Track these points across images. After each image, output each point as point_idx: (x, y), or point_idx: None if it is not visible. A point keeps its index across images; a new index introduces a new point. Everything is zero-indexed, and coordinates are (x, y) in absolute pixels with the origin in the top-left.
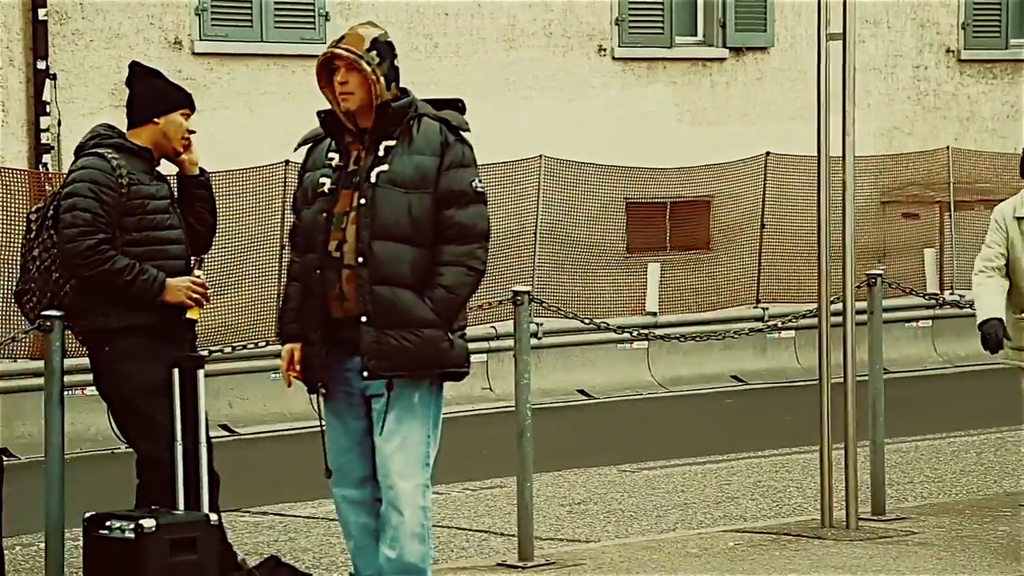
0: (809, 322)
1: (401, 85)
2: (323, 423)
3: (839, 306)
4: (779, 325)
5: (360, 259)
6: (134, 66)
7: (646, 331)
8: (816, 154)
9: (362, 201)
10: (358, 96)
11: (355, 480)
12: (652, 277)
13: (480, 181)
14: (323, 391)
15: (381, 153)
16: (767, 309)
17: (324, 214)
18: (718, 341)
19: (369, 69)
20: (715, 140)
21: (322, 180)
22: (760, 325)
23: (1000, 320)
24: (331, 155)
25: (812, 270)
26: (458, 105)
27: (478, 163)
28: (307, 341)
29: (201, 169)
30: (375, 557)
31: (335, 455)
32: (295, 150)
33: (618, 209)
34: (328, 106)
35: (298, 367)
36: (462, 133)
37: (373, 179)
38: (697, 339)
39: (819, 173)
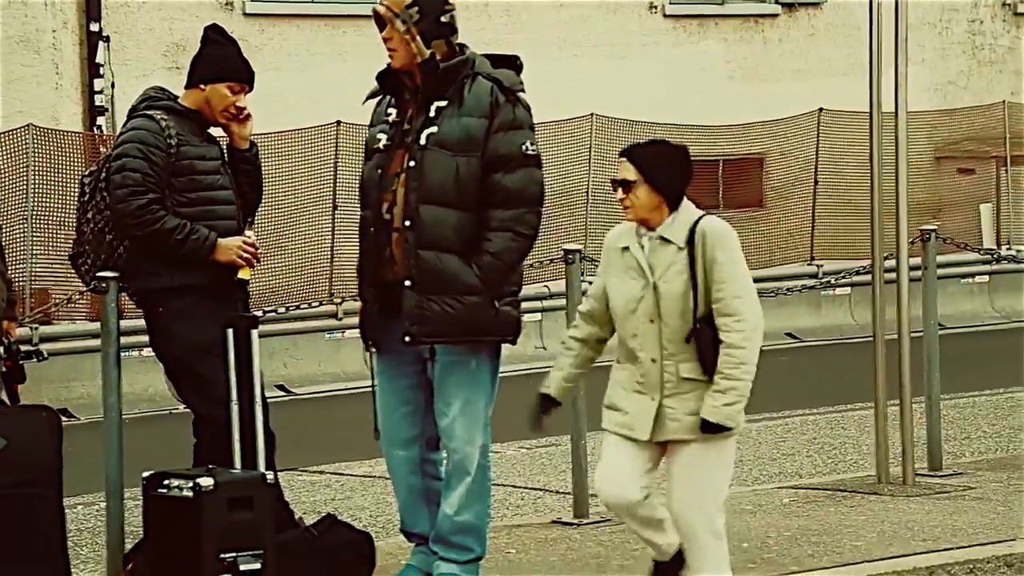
0: (864, 279)
1: (458, 42)
2: (375, 383)
3: (894, 262)
4: (833, 282)
5: (407, 222)
6: (207, 30)
7: None
8: (869, 110)
9: (411, 163)
10: (402, 53)
11: (404, 440)
12: None
13: (533, 144)
14: (373, 350)
15: (432, 114)
16: (821, 266)
17: (379, 171)
18: (772, 298)
19: (404, 28)
20: (767, 97)
21: (379, 136)
22: (814, 282)
23: (546, 397)
24: (390, 110)
25: (866, 226)
26: (515, 63)
27: (533, 124)
28: (364, 298)
29: (252, 143)
30: (423, 516)
31: (385, 414)
32: (363, 103)
33: None
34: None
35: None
36: (517, 93)
37: (423, 141)
38: None
39: (871, 129)
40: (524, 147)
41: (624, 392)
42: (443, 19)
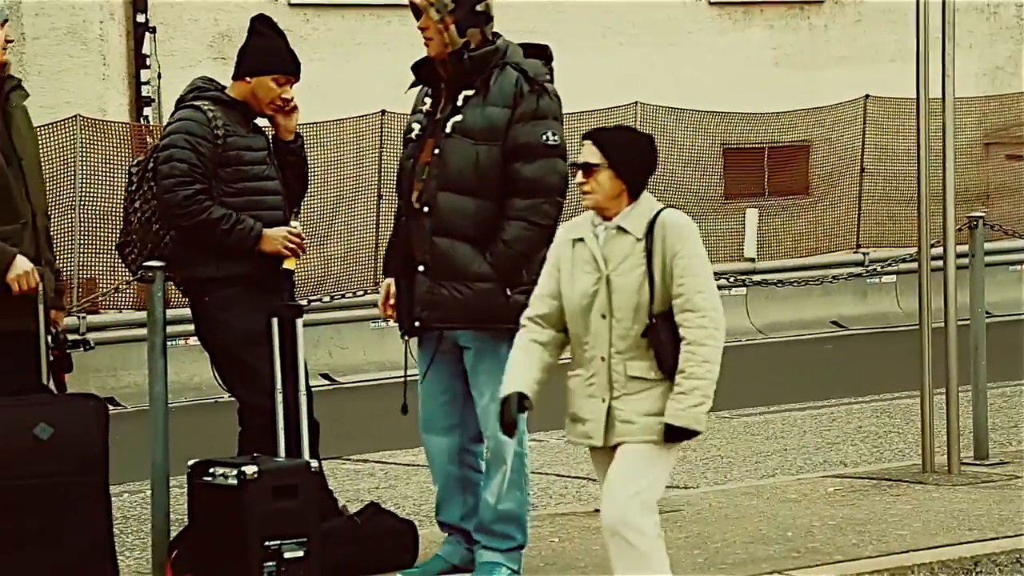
0: (910, 266)
1: (495, 31)
2: (407, 370)
3: (941, 250)
4: (879, 270)
5: (425, 208)
6: (254, 20)
7: (744, 277)
8: (916, 96)
9: (436, 151)
10: (436, 42)
11: (443, 428)
12: (750, 223)
13: (556, 134)
14: (407, 337)
15: (459, 103)
16: (867, 254)
17: (411, 160)
18: (817, 286)
19: (438, 17)
20: (813, 84)
21: (413, 126)
22: (860, 270)
23: (520, 395)
24: (426, 100)
25: (913, 214)
26: (545, 52)
27: (560, 114)
28: (398, 286)
29: (297, 135)
30: (457, 504)
31: (425, 402)
32: (405, 92)
33: (715, 155)
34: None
35: (391, 303)
36: (544, 84)
37: (448, 129)
38: (796, 284)
39: (918, 115)
40: (545, 137)
41: (579, 399)
42: (478, 8)
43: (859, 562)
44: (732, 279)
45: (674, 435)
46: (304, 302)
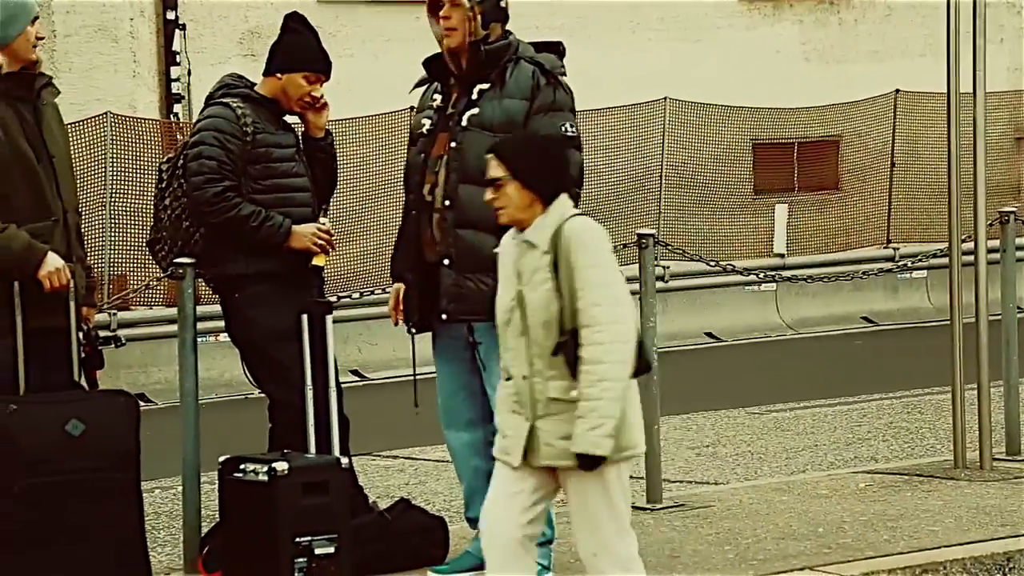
0: (941, 261)
1: (507, 28)
2: (415, 365)
3: (971, 245)
4: (910, 265)
5: (447, 202)
6: (287, 18)
7: (774, 273)
8: (946, 91)
9: (453, 144)
10: (460, 32)
11: (464, 423)
12: (780, 218)
13: (573, 125)
14: (414, 331)
15: (474, 96)
16: (898, 249)
17: (422, 155)
18: (847, 282)
19: (468, 5)
20: (843, 79)
21: (423, 121)
22: (891, 265)
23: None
24: (435, 96)
25: (943, 209)
26: (558, 48)
27: (574, 107)
28: (405, 281)
29: (327, 132)
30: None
31: (444, 398)
32: (410, 91)
33: (745, 150)
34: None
35: (402, 307)
36: (559, 77)
37: (464, 123)
38: (826, 280)
39: (949, 110)
40: (564, 128)
41: (504, 413)
42: (502, 4)
43: (891, 558)
44: (762, 275)
45: (583, 463)
46: (333, 298)
